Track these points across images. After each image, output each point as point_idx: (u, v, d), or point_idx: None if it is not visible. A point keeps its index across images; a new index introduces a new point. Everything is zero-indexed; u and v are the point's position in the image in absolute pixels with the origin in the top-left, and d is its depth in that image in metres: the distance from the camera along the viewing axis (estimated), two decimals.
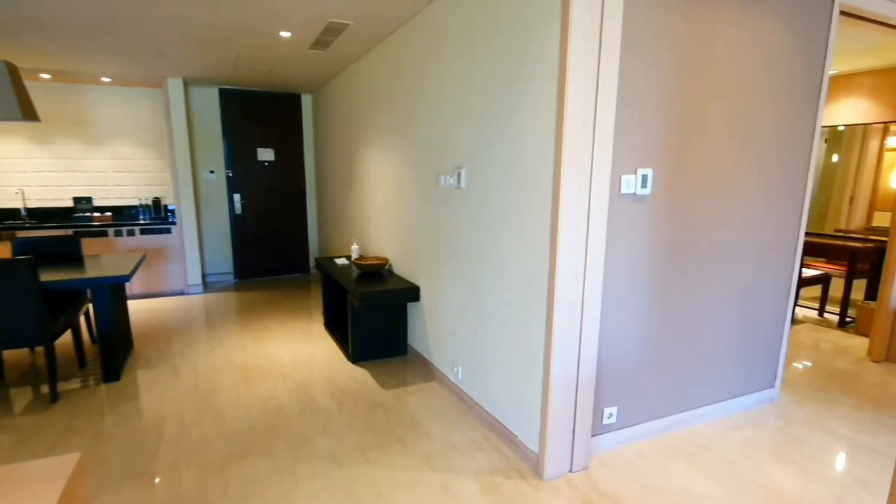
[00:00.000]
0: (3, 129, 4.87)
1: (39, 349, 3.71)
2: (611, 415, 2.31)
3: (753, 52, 2.29)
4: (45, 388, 3.04)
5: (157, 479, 2.14)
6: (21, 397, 2.92)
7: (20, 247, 3.52)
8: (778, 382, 2.85)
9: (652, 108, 2.09)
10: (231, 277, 5.97)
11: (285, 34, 3.28)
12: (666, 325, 2.37)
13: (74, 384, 3.11)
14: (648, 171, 2.13)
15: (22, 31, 3.26)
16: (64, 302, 3.31)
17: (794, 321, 4.36)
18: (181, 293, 5.28)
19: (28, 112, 2.94)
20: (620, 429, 2.36)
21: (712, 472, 2.19)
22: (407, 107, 3.25)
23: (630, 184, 2.12)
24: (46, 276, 2.95)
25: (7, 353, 3.59)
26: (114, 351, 3.14)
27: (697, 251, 2.37)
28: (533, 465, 2.18)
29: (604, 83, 1.88)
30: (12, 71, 2.87)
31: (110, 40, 3.48)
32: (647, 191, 2.15)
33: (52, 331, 2.86)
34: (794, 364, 3.40)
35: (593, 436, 2.30)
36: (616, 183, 2.08)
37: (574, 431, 2.14)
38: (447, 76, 2.70)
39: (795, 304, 4.50)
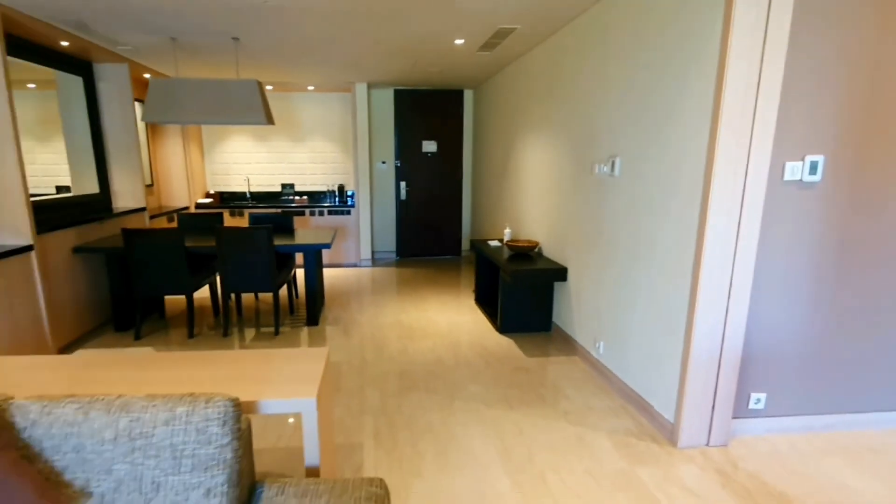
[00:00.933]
0: (235, 131, 6.28)
1: (262, 297, 4.81)
2: (758, 400, 2.33)
3: None
4: (263, 328, 3.99)
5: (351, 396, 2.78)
6: (250, 332, 3.90)
7: (254, 220, 4.61)
8: None
9: (828, 92, 2.06)
10: (393, 255, 6.84)
11: (459, 41, 3.78)
12: (834, 320, 2.29)
13: (287, 325, 4.02)
14: (819, 158, 2.10)
15: (266, 55, 4.26)
16: (281, 263, 4.27)
17: None
18: (354, 265, 6.25)
19: (270, 118, 3.88)
20: (770, 417, 2.36)
21: (877, 472, 2.09)
22: (564, 100, 3.51)
23: (796, 170, 2.11)
24: (275, 242, 3.88)
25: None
26: (316, 302, 3.98)
27: (881, 243, 2.23)
28: (667, 433, 2.32)
29: (767, 72, 1.94)
30: (261, 87, 3.81)
31: (322, 57, 4.35)
32: (817, 178, 2.12)
33: (277, 282, 3.76)
34: None
35: (736, 417, 2.34)
36: (778, 170, 2.10)
37: (713, 408, 2.23)
38: (608, 70, 2.89)
39: None
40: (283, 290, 5.02)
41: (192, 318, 3.76)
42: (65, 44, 3.81)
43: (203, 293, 5.00)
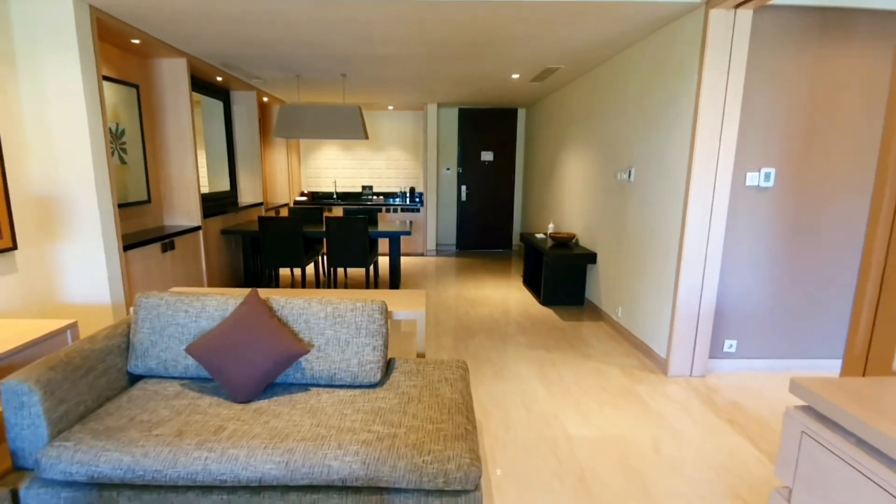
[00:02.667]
0: (327, 142, 7.55)
1: (354, 270, 5.98)
2: (731, 345, 3.16)
3: (882, 79, 2.85)
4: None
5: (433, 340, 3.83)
6: None
7: (347, 213, 5.79)
8: None
9: (777, 123, 2.90)
10: (454, 248, 7.90)
11: (515, 76, 4.78)
12: (788, 288, 3.09)
13: None
14: (771, 170, 2.94)
15: (364, 85, 5.44)
16: (370, 246, 5.41)
17: None
18: (421, 255, 7.35)
19: (366, 134, 5.04)
20: (740, 359, 3.18)
21: None
22: (596, 121, 4.43)
23: (754, 178, 2.96)
24: (368, 229, 5.01)
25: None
26: (397, 275, 5.08)
27: (820, 230, 3.02)
28: (662, 366, 3.20)
29: (729, 111, 2.81)
30: (360, 111, 4.97)
31: (405, 86, 5.48)
32: (770, 184, 2.96)
33: (369, 260, 4.88)
34: None
35: (714, 358, 3.18)
36: (741, 178, 2.96)
37: (694, 347, 3.09)
38: (627, 102, 3.80)
39: None
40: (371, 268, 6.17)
41: (304, 286, 4.95)
42: (219, 78, 5.13)
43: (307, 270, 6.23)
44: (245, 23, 3.22)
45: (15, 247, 2.67)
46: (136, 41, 3.44)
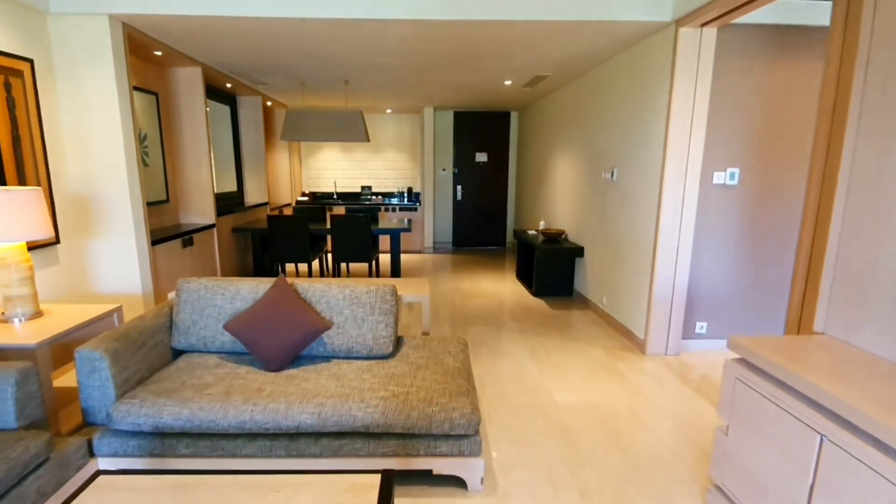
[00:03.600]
0: (327, 144, 7.86)
1: (357, 265, 6.29)
2: (702, 327, 3.51)
3: None
4: None
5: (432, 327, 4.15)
6: None
7: (350, 211, 6.10)
8: None
9: (740, 128, 3.25)
10: (450, 245, 8.23)
11: (508, 82, 5.12)
12: (752, 274, 3.45)
13: None
14: (736, 170, 3.29)
15: (365, 90, 5.75)
16: (372, 243, 5.72)
17: None
18: (419, 252, 7.67)
19: (367, 137, 5.35)
20: (711, 339, 3.53)
21: None
22: (583, 125, 4.77)
23: (721, 177, 3.31)
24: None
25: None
26: (398, 268, 5.40)
27: (780, 223, 3.38)
28: (640, 346, 3.55)
29: (697, 118, 3.16)
30: (362, 115, 5.29)
31: (403, 91, 5.79)
32: (735, 182, 3.31)
33: (372, 256, 5.19)
34: None
35: (687, 338, 3.53)
36: (708, 177, 3.31)
37: (669, 329, 3.43)
38: (610, 107, 4.14)
39: None
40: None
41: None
42: (228, 85, 5.43)
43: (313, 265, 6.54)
44: (259, 37, 3.53)
45: (58, 241, 2.97)
46: (159, 53, 3.74)
